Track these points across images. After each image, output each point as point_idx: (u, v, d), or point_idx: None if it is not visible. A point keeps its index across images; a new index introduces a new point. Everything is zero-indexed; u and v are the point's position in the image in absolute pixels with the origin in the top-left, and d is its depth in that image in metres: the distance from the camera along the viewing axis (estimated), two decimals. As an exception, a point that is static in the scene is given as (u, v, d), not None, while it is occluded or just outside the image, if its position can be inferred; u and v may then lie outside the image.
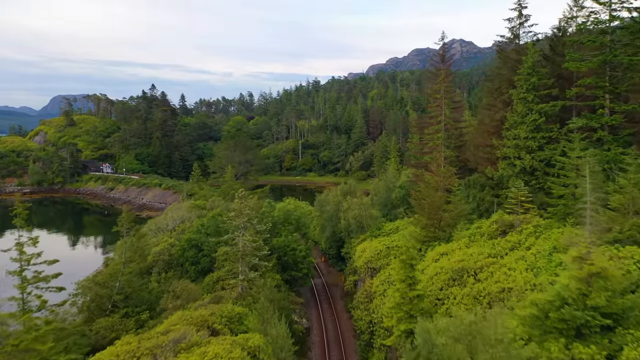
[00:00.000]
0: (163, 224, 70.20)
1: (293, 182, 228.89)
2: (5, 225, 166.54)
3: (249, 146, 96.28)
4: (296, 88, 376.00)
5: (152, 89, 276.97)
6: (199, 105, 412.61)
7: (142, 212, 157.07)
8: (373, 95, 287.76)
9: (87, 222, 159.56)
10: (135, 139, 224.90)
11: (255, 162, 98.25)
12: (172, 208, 76.03)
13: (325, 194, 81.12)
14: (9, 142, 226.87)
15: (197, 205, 72.41)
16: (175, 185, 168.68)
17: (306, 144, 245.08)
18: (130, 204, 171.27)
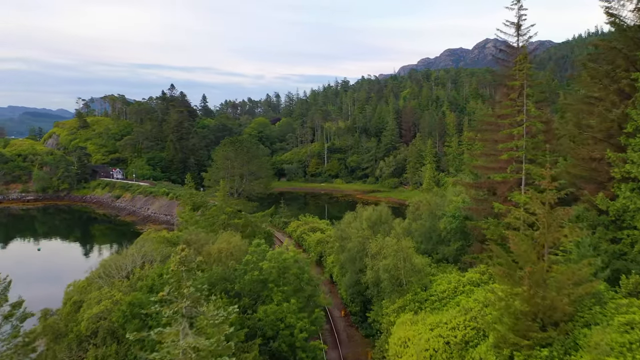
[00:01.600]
0: (118, 266, 49.35)
1: (318, 190, 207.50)
2: (11, 233, 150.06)
3: (253, 153, 76.67)
4: (324, 88, 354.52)
5: (172, 89, 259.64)
6: (224, 106, 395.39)
7: (145, 225, 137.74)
8: (405, 95, 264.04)
9: (93, 232, 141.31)
10: (148, 142, 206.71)
11: (262, 173, 78.41)
12: (140, 240, 55.06)
13: (346, 222, 58.96)
14: (17, 146, 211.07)
15: (167, 240, 51.52)
16: (183, 195, 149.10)
17: (332, 148, 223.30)
18: (135, 214, 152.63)
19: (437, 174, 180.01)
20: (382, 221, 50.22)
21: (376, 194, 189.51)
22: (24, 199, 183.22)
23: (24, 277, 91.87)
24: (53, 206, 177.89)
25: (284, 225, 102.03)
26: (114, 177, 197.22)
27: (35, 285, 76.83)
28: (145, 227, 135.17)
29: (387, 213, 51.38)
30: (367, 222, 49.99)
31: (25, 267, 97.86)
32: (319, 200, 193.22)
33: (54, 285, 74.67)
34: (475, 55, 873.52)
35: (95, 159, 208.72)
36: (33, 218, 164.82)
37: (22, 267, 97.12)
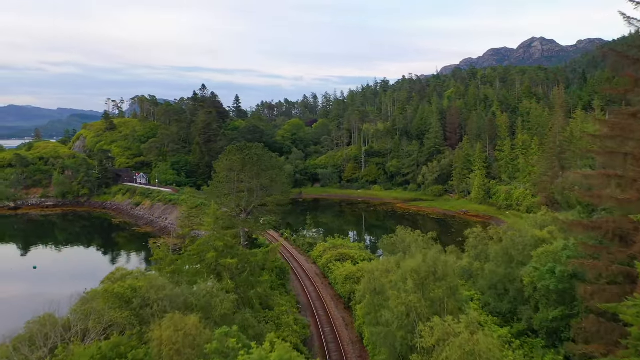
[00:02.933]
0: (39, 336, 32.85)
1: (354, 197, 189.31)
2: (31, 240, 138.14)
3: (266, 163, 59.94)
4: (363, 88, 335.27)
5: (203, 89, 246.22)
6: (260, 107, 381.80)
7: (160, 237, 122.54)
8: (449, 95, 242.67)
9: (108, 244, 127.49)
10: (174, 145, 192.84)
11: (276, 188, 61.15)
12: (80, 301, 38.07)
13: (381, 268, 40.60)
14: (41, 148, 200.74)
15: (115, 295, 34.82)
16: (205, 204, 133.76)
17: (370, 152, 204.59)
18: (152, 225, 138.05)
19: (487, 181, 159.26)
20: (437, 277, 31.82)
21: (418, 203, 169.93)
22: (43, 205, 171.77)
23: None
24: (72, 212, 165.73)
25: (309, 247, 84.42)
26: (137, 181, 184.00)
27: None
28: (160, 241, 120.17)
29: (444, 264, 32.82)
30: (413, 279, 31.72)
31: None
32: (356, 208, 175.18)
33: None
34: (521, 55, 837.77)
35: (120, 163, 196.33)
36: (53, 224, 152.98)
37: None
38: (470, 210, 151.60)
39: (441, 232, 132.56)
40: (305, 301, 61.48)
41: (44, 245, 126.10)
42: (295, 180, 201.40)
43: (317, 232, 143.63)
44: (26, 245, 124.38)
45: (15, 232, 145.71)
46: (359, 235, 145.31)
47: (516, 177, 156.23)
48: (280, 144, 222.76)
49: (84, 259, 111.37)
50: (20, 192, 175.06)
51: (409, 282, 31.55)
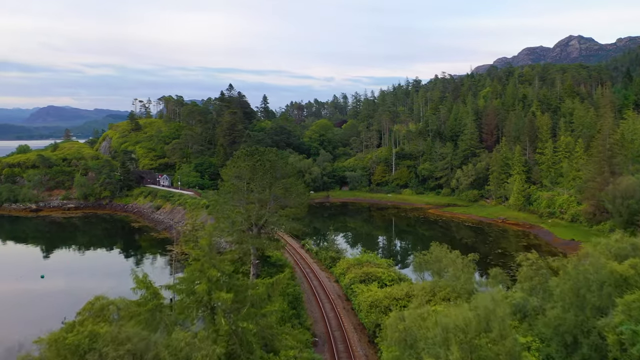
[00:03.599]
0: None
1: (384, 201, 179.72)
2: (54, 243, 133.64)
3: (280, 170, 51.41)
4: (394, 88, 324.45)
5: (230, 89, 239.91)
6: (289, 108, 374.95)
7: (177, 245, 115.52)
8: (485, 94, 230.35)
9: (124, 248, 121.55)
10: (197, 146, 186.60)
11: (292, 199, 52.55)
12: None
13: (415, 315, 31.42)
14: (66, 149, 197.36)
15: (68, 348, 27.03)
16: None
17: (401, 154, 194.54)
18: (171, 230, 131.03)
19: (527, 186, 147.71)
20: (491, 339, 22.73)
21: (452, 208, 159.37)
22: (64, 207, 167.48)
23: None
24: (93, 215, 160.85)
25: (332, 262, 75.59)
26: (160, 184, 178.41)
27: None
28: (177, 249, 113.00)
29: (501, 317, 23.66)
30: (458, 342, 22.69)
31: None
32: (385, 213, 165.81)
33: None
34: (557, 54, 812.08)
35: (143, 164, 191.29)
36: (74, 227, 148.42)
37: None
38: (508, 217, 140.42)
39: (477, 240, 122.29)
40: (323, 330, 52.82)
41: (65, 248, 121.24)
42: (323, 183, 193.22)
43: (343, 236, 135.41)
44: (49, 248, 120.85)
45: (38, 234, 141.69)
46: (388, 242, 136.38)
47: (559, 183, 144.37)
48: (308, 145, 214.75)
49: (99, 265, 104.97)
50: (42, 193, 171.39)
51: (453, 349, 22.50)
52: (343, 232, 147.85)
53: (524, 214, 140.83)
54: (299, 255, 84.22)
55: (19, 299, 78.61)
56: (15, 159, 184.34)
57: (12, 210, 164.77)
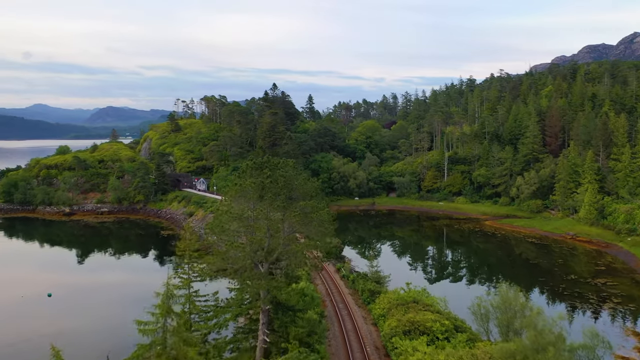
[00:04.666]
0: None
1: (434, 210, 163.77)
2: (88, 247, 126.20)
3: (299, 189, 39.62)
4: (446, 87, 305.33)
5: (274, 88, 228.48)
6: (337, 108, 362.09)
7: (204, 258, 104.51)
8: (547, 94, 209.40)
9: (160, 256, 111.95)
10: (236, 148, 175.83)
11: (312, 228, 40.33)
12: None
13: None
14: (104, 151, 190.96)
15: None
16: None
17: (454, 158, 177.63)
18: (201, 239, 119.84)
19: (600, 197, 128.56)
20: None
21: (511, 220, 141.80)
22: (97, 211, 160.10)
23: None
24: (126, 220, 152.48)
25: (370, 297, 61.45)
26: (196, 188, 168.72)
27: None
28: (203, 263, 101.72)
29: None
30: None
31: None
32: (436, 224, 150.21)
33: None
34: (621, 52, 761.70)
35: (181, 167, 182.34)
36: (109, 231, 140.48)
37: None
38: (578, 233, 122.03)
39: (543, 261, 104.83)
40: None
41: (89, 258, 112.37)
42: (369, 189, 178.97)
43: (390, 245, 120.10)
44: (80, 254, 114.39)
45: (70, 238, 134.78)
46: (439, 254, 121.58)
47: (638, 194, 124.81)
48: (353, 148, 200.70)
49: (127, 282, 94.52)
50: (77, 196, 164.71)
51: None
52: (390, 241, 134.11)
53: (597, 230, 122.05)
54: (332, 282, 70.47)
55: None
56: (52, 160, 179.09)
57: (45, 214, 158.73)
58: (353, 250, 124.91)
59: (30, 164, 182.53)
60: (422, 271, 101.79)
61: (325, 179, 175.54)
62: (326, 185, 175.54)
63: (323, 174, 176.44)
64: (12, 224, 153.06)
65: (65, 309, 75.36)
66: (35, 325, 66.65)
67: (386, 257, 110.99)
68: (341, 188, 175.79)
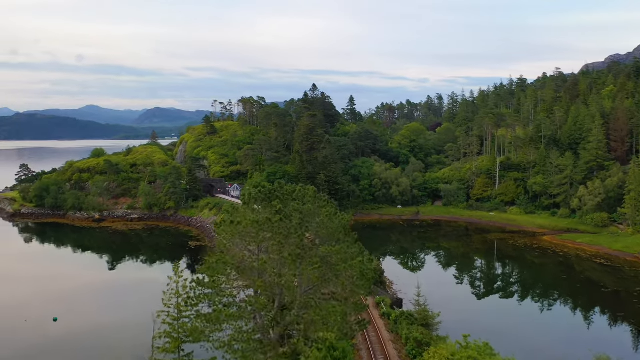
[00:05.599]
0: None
1: (485, 221, 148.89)
2: (115, 257, 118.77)
3: (324, 229, 29.71)
4: (495, 87, 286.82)
5: (314, 89, 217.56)
6: (379, 110, 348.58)
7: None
8: (609, 94, 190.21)
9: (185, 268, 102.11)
10: (272, 152, 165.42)
11: (340, 286, 30.02)
12: None
13: None
14: (138, 154, 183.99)
15: None
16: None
17: (507, 164, 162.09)
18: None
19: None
20: None
21: (574, 236, 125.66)
22: (127, 217, 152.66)
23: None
24: (156, 227, 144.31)
25: (416, 348, 48.83)
26: (230, 194, 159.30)
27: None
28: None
29: None
30: None
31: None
32: (487, 235, 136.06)
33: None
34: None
35: (214, 171, 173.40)
36: (137, 240, 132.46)
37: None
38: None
39: (618, 290, 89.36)
40: None
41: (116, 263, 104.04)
42: (412, 197, 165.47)
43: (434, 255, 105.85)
44: (104, 267, 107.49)
45: (97, 247, 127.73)
46: (489, 268, 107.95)
47: None
48: (396, 152, 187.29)
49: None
50: (108, 201, 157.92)
51: None
52: (436, 257, 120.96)
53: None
54: (369, 322, 57.98)
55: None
56: (85, 163, 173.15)
57: (75, 219, 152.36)
58: (395, 261, 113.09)
59: (64, 167, 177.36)
60: (475, 297, 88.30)
61: (365, 186, 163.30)
62: (367, 193, 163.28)
63: (363, 180, 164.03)
64: (44, 229, 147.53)
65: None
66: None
67: (433, 275, 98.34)
68: (383, 196, 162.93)
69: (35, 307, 77.31)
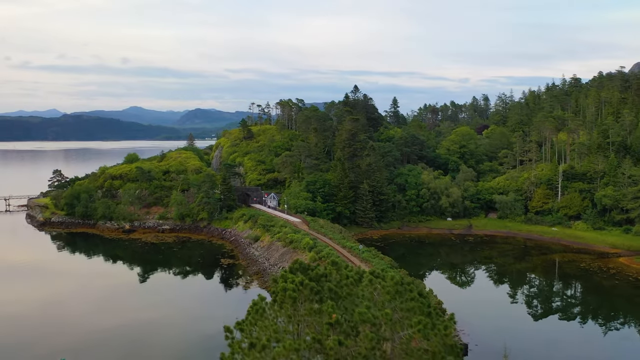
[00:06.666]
0: None
1: (546, 238, 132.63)
2: (145, 271, 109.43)
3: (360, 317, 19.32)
4: (547, 88, 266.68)
5: (355, 91, 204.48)
6: (422, 111, 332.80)
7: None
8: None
9: (216, 291, 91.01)
10: (311, 159, 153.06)
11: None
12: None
13: None
14: (172, 159, 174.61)
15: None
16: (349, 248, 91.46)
17: (570, 173, 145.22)
18: (264, 275, 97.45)
19: None
20: None
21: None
22: (159, 228, 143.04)
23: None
24: (188, 240, 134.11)
25: None
26: (266, 204, 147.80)
27: None
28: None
29: None
30: None
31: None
32: (547, 252, 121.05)
33: None
34: None
35: (250, 179, 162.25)
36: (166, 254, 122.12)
37: None
38: None
39: None
40: None
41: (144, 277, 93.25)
42: (464, 209, 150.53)
43: (485, 270, 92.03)
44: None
45: (128, 257, 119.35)
46: (549, 288, 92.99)
47: None
48: (444, 158, 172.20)
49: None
50: (139, 211, 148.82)
51: None
52: (485, 265, 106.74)
53: None
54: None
55: None
56: (118, 169, 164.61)
57: (105, 230, 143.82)
58: (452, 286, 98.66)
59: (97, 172, 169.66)
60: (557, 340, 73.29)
61: (412, 196, 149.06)
62: (414, 204, 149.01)
63: (410, 190, 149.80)
64: (74, 240, 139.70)
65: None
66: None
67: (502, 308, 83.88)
68: (431, 207, 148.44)
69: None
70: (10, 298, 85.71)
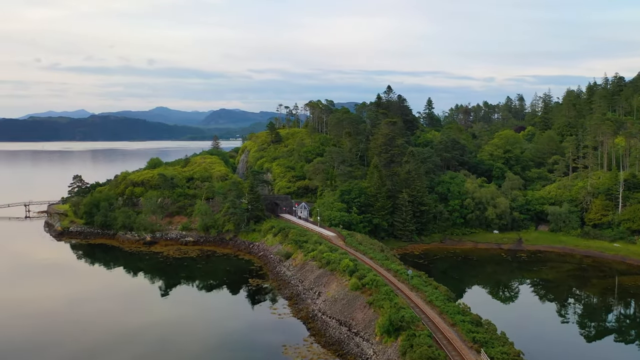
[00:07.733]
0: None
1: (607, 255, 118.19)
2: (171, 281, 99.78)
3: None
4: (588, 87, 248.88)
5: (388, 91, 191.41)
6: (453, 112, 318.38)
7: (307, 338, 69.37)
8: None
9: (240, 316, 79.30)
10: (345, 166, 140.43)
11: None
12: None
13: None
14: (196, 165, 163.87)
15: None
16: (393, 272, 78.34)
17: (633, 182, 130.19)
18: (298, 303, 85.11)
19: None
20: None
21: None
22: (181, 240, 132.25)
23: None
24: (212, 254, 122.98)
25: None
26: (296, 214, 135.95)
27: None
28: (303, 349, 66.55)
29: None
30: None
31: None
32: (606, 271, 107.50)
33: None
34: None
35: (279, 187, 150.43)
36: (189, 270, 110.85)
37: None
38: None
39: None
40: None
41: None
42: (512, 220, 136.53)
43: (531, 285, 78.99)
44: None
45: (148, 271, 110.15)
46: (606, 309, 79.48)
47: None
48: (488, 164, 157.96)
49: None
50: (161, 220, 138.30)
51: None
52: (547, 291, 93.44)
53: None
54: None
55: None
56: (139, 175, 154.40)
57: (125, 241, 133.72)
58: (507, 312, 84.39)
59: (118, 178, 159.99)
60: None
61: (456, 207, 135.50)
62: (457, 215, 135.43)
63: (453, 200, 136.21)
64: (92, 251, 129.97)
65: None
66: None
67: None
68: (476, 218, 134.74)
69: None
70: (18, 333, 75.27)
